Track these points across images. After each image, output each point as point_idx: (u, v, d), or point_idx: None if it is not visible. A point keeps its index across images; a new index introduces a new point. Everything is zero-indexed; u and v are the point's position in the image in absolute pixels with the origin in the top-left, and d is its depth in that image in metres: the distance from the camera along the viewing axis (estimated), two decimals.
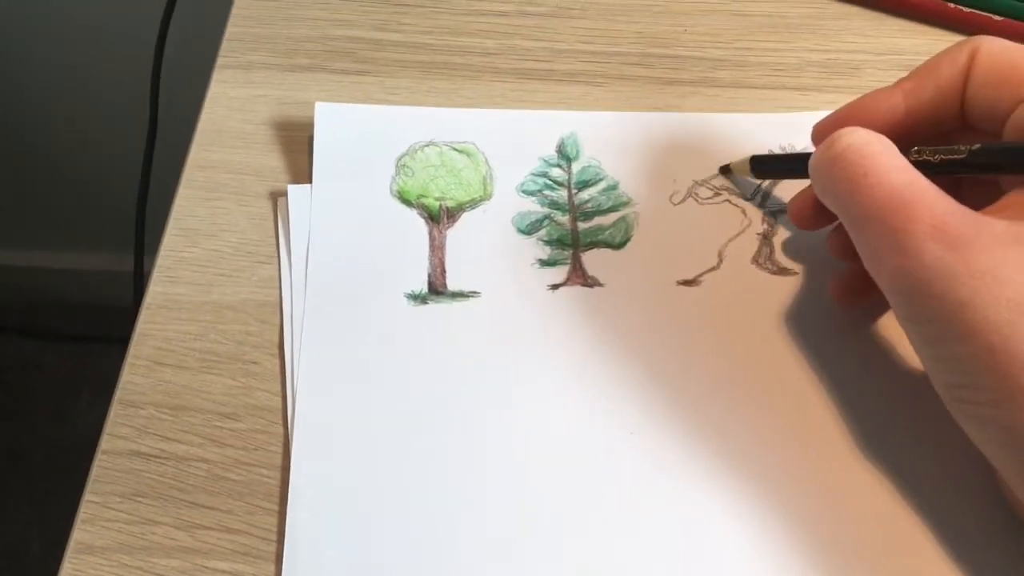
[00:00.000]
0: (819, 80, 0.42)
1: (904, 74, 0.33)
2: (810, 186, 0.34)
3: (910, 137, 0.32)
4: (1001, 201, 0.29)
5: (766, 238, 0.37)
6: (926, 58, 0.41)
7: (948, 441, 0.31)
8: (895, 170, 0.29)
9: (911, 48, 0.44)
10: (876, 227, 0.28)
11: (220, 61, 0.42)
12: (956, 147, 0.30)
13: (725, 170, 0.39)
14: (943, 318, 0.27)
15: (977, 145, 0.30)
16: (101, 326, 1.13)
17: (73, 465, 1.10)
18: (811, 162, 0.31)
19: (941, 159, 0.30)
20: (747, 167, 0.37)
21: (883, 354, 0.34)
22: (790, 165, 0.37)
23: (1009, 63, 0.30)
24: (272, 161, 0.39)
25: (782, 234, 0.37)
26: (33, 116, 0.97)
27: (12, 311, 1.17)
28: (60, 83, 0.93)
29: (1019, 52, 0.31)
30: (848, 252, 0.32)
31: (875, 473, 0.32)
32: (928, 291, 0.27)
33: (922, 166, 0.30)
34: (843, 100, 0.34)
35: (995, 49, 0.31)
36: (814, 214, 0.34)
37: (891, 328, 0.35)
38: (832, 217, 0.33)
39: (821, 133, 0.34)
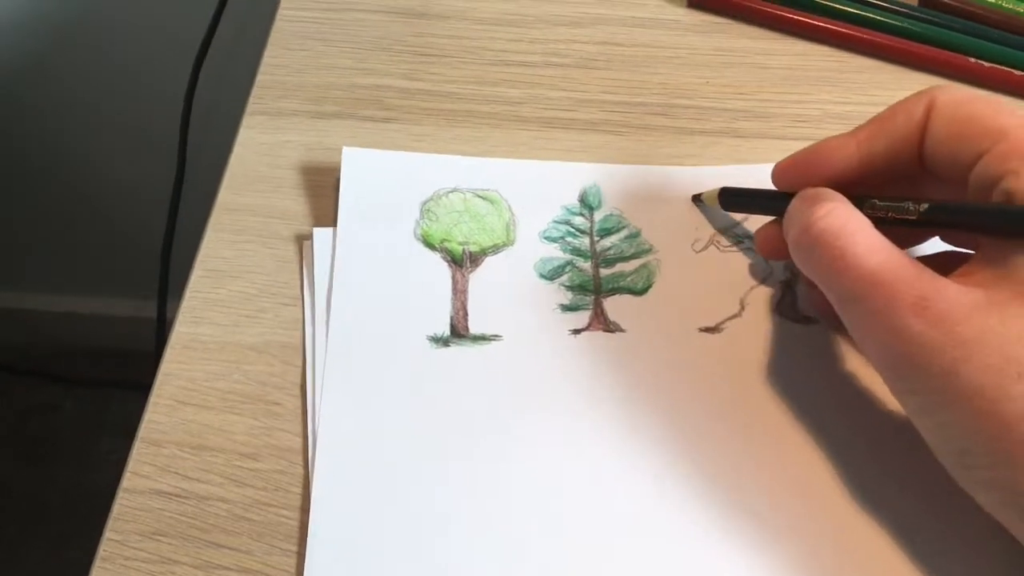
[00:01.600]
0: (840, 131, 0.42)
1: None
2: (773, 221, 0.35)
3: (866, 183, 0.33)
4: (971, 264, 0.29)
5: (788, 286, 0.37)
6: None
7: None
8: (872, 251, 0.29)
9: None
10: (859, 307, 0.29)
11: (250, 107, 0.43)
12: (906, 205, 0.31)
13: (696, 199, 0.39)
14: (931, 389, 0.28)
15: (925, 205, 0.31)
16: (123, 371, 1.14)
17: (92, 511, 1.10)
18: (790, 242, 0.32)
19: (892, 217, 0.31)
20: (716, 198, 0.38)
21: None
22: (758, 200, 0.37)
23: (967, 116, 0.31)
24: (298, 205, 0.40)
25: (805, 283, 0.37)
26: (60, 159, 0.99)
27: (35, 355, 1.18)
28: (89, 127, 0.94)
29: (978, 103, 0.31)
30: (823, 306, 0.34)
31: (889, 525, 0.31)
32: (915, 363, 0.28)
33: (875, 222, 0.30)
34: None
35: (953, 100, 0.31)
36: (781, 246, 0.34)
37: None
38: None
39: (780, 174, 0.35)
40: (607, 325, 0.36)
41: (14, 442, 1.17)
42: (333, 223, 0.39)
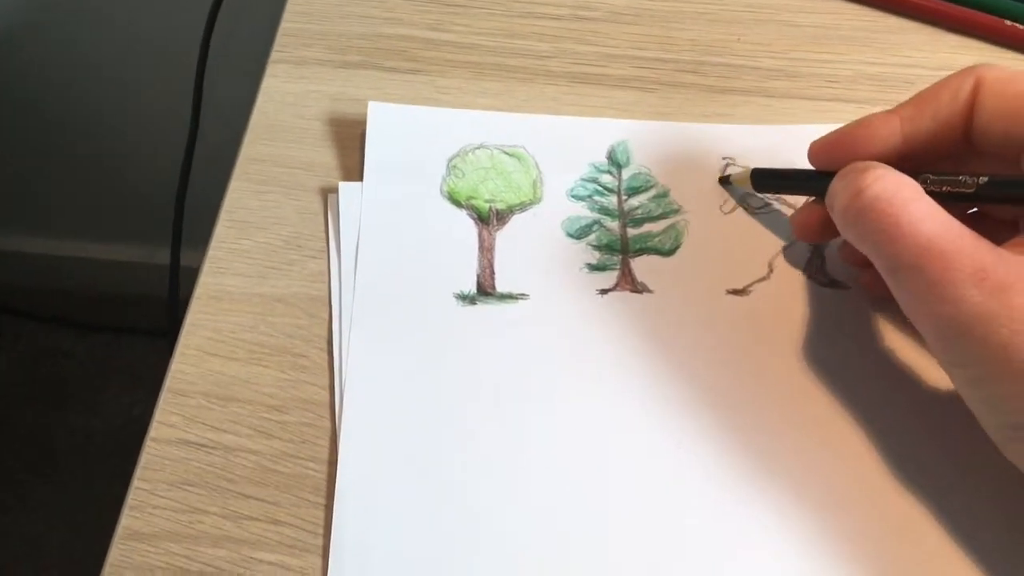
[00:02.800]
0: (873, 93, 0.42)
1: None
2: (812, 202, 0.35)
3: (908, 162, 0.32)
4: None
5: (817, 249, 0.37)
6: None
7: (992, 466, 0.30)
8: (927, 218, 0.29)
9: (966, 64, 0.43)
10: (913, 276, 0.28)
11: (274, 56, 0.42)
12: (963, 179, 0.31)
13: (724, 181, 0.39)
14: (986, 360, 0.27)
15: (984, 178, 0.30)
16: (133, 317, 1.14)
17: (99, 454, 1.11)
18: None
19: (948, 191, 0.31)
20: (747, 179, 0.37)
21: (938, 372, 0.34)
22: (792, 182, 0.36)
23: (1018, 93, 0.30)
24: (323, 157, 0.39)
25: (834, 246, 0.37)
26: (74, 106, 0.98)
27: (45, 299, 1.18)
28: (103, 73, 0.93)
29: None
30: (861, 260, 0.33)
31: (918, 490, 0.31)
32: (970, 335, 0.27)
33: (930, 196, 0.30)
34: None
35: (1002, 78, 0.31)
36: (820, 231, 0.34)
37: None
38: (833, 234, 0.33)
39: (818, 152, 0.34)
40: (634, 285, 0.36)
41: (24, 385, 1.18)
42: (358, 175, 0.38)
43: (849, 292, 0.36)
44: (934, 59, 0.43)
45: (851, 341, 0.35)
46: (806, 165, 0.38)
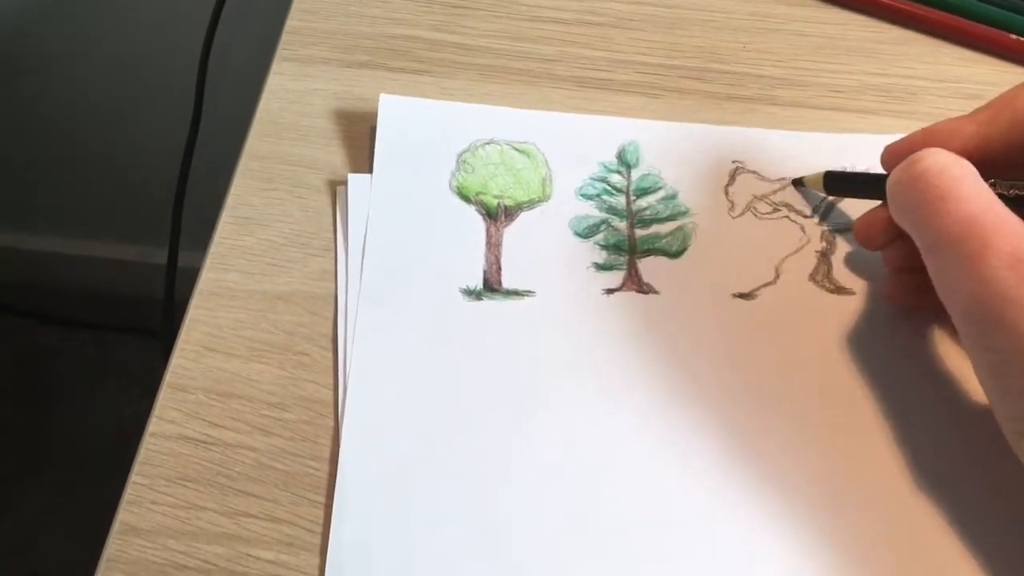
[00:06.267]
0: (877, 104, 0.42)
1: (963, 102, 0.33)
2: (879, 207, 0.34)
3: (984, 168, 0.31)
4: None
5: (824, 256, 0.37)
6: (986, 87, 0.40)
7: (1006, 472, 0.30)
8: (974, 195, 0.28)
9: (970, 76, 0.43)
10: (950, 252, 0.28)
11: (279, 53, 0.42)
12: None
13: (798, 183, 0.38)
14: (1013, 349, 0.27)
15: None
16: (127, 317, 1.14)
17: (91, 453, 1.10)
18: (890, 180, 0.31)
19: (1016, 194, 0.30)
20: (820, 182, 0.37)
21: (941, 382, 0.34)
22: (863, 185, 0.36)
23: None
24: (327, 155, 0.39)
25: (840, 253, 0.37)
26: (73, 102, 0.98)
27: (39, 296, 1.17)
28: (103, 70, 0.93)
29: None
30: (903, 264, 0.33)
31: (927, 500, 0.31)
32: (1000, 320, 0.27)
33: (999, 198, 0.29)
34: (901, 124, 0.33)
35: None
36: (882, 235, 0.34)
37: (950, 356, 0.34)
38: (898, 239, 0.32)
39: (892, 156, 0.34)
40: (641, 286, 0.36)
41: (15, 383, 1.17)
42: (362, 173, 0.38)
43: (855, 298, 0.36)
44: (937, 71, 0.43)
45: (857, 348, 0.34)
46: (814, 170, 0.38)
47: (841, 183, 0.37)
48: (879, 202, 0.34)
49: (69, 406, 1.14)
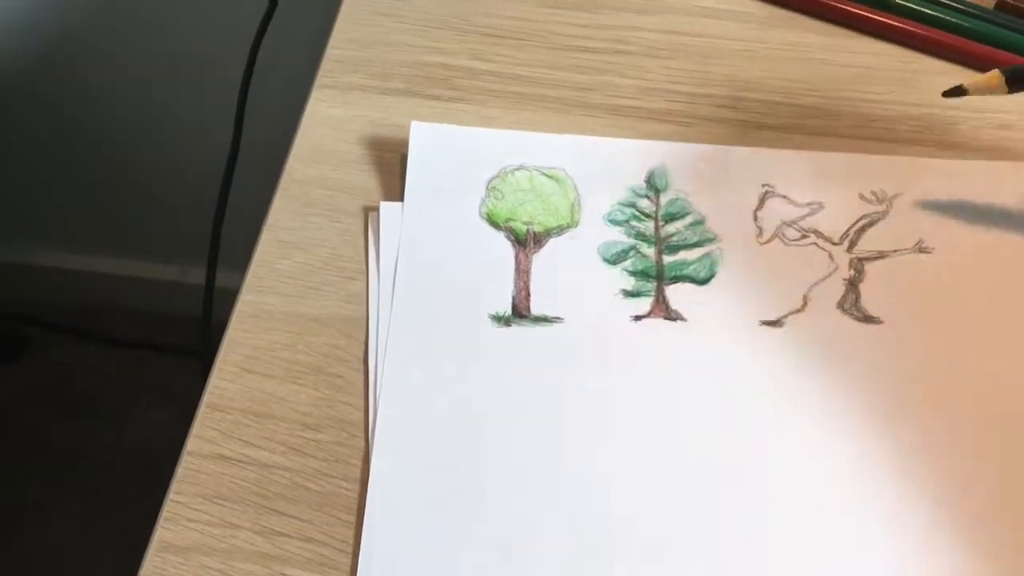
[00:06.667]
0: (913, 134, 0.42)
1: (1000, 133, 0.33)
2: None
3: None
4: None
5: (852, 284, 0.37)
6: (1022, 117, 0.40)
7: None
8: None
9: (1005, 107, 0.43)
10: None
11: (319, 81, 0.43)
12: None
13: (956, 92, 0.37)
14: None
15: None
16: (164, 334, 1.15)
17: (124, 470, 1.11)
18: None
19: None
20: (996, 81, 0.36)
21: (970, 415, 0.34)
22: None
23: None
24: (364, 180, 0.40)
25: (869, 282, 0.37)
26: (116, 125, 1.00)
27: (78, 314, 1.19)
28: (147, 94, 0.95)
29: None
30: None
31: (960, 531, 0.31)
32: None
33: None
34: (936, 155, 0.33)
35: None
36: None
37: (979, 391, 0.34)
38: None
39: None
40: (668, 313, 0.36)
41: (53, 399, 1.19)
42: (399, 198, 0.39)
43: (883, 327, 0.36)
44: (974, 102, 0.43)
45: (884, 376, 0.34)
46: (842, 195, 0.38)
47: None
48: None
49: (106, 424, 1.16)
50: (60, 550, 1.08)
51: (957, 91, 0.38)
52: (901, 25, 0.45)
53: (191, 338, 0.82)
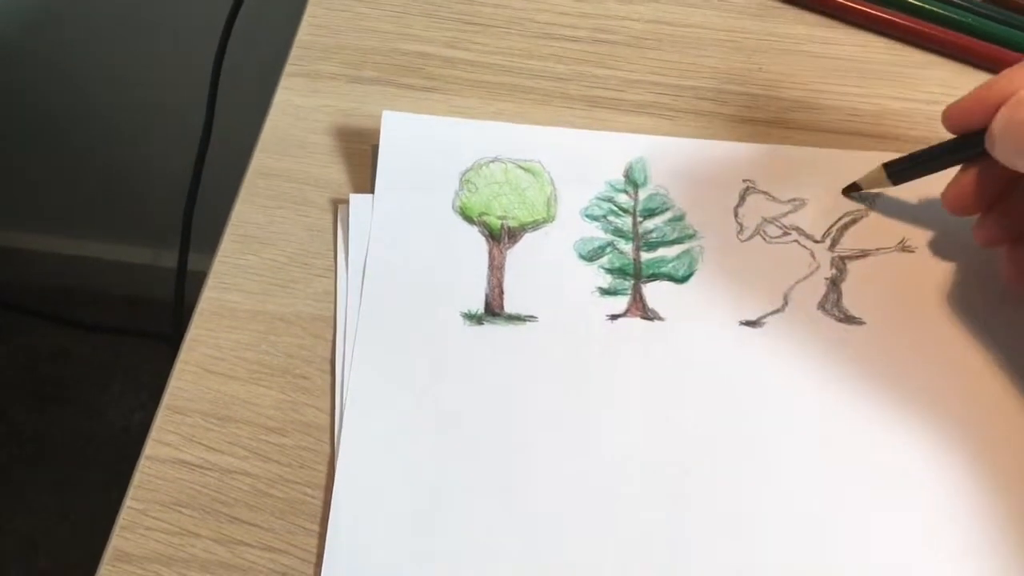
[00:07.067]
0: (898, 129, 0.41)
1: None
2: (961, 172, 0.34)
3: None
4: None
5: (834, 283, 0.36)
6: None
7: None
8: None
9: None
10: None
11: (288, 68, 0.42)
12: None
13: (851, 189, 0.38)
14: None
15: None
16: (136, 319, 1.14)
17: (97, 456, 1.10)
18: (998, 126, 0.31)
19: None
20: (881, 176, 0.37)
21: (952, 420, 0.33)
22: (935, 158, 0.36)
23: None
24: (333, 173, 0.38)
25: (851, 281, 0.36)
26: (87, 107, 0.98)
27: (47, 298, 1.17)
28: (117, 74, 0.93)
29: None
30: (1003, 236, 0.34)
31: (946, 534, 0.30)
32: None
33: None
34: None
35: None
36: (976, 198, 0.34)
37: (964, 398, 0.33)
38: (990, 198, 0.33)
39: (958, 116, 0.34)
40: (645, 312, 0.35)
41: (25, 384, 1.17)
42: (368, 193, 0.37)
43: (865, 328, 0.35)
44: (960, 95, 0.42)
45: (864, 377, 0.34)
46: (828, 187, 0.37)
47: (907, 166, 0.37)
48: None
49: (77, 408, 1.14)
50: (33, 537, 1.07)
51: (853, 187, 0.38)
52: (888, 17, 0.44)
53: (164, 323, 0.81)
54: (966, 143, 0.34)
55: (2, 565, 1.05)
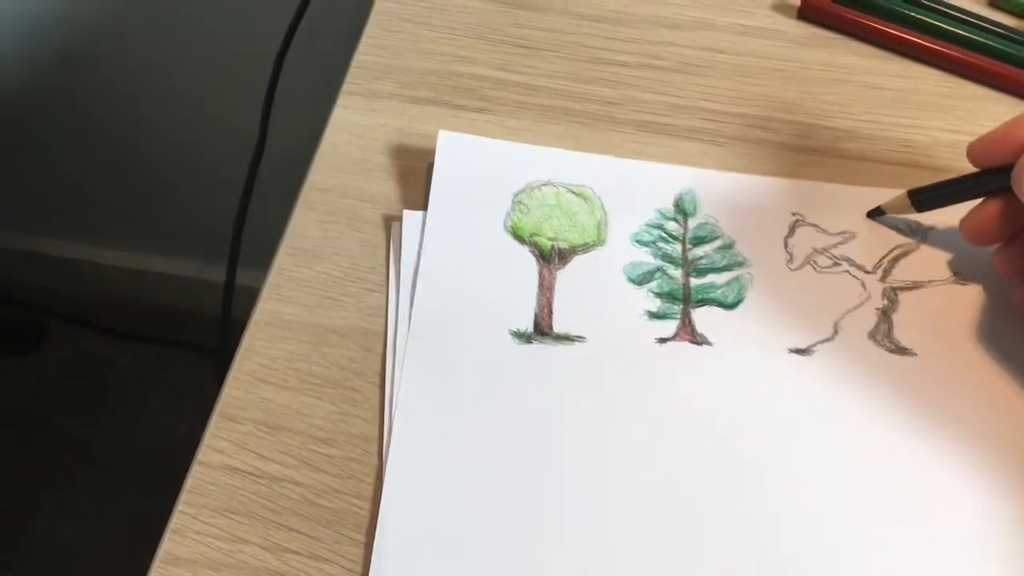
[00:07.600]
0: (950, 161, 0.41)
1: None
2: (982, 204, 0.35)
3: None
4: None
5: (885, 314, 0.36)
6: None
7: None
8: None
9: None
10: None
11: (345, 87, 0.43)
12: None
13: (876, 213, 0.38)
14: None
15: None
16: (181, 331, 1.15)
17: (136, 465, 1.11)
18: (1021, 171, 0.31)
19: None
20: (905, 203, 0.37)
21: (1006, 453, 0.33)
22: (958, 189, 0.36)
23: None
24: (387, 190, 0.39)
25: (903, 312, 0.36)
26: (141, 122, 1.00)
27: (94, 307, 1.19)
28: (172, 86, 0.95)
29: None
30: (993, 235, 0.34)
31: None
32: None
33: None
34: None
35: None
36: (997, 231, 0.34)
37: (1014, 426, 0.33)
38: (1011, 231, 0.34)
39: (981, 151, 0.34)
40: (694, 337, 0.35)
41: (67, 391, 1.19)
42: (421, 209, 0.38)
43: (916, 359, 0.35)
44: None
45: (916, 411, 0.33)
46: (882, 225, 0.38)
47: (932, 195, 0.37)
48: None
49: (119, 418, 1.16)
50: (71, 546, 1.08)
51: (877, 212, 0.39)
52: (941, 49, 0.44)
53: (207, 336, 0.82)
54: (993, 176, 0.34)
55: (38, 572, 1.06)
